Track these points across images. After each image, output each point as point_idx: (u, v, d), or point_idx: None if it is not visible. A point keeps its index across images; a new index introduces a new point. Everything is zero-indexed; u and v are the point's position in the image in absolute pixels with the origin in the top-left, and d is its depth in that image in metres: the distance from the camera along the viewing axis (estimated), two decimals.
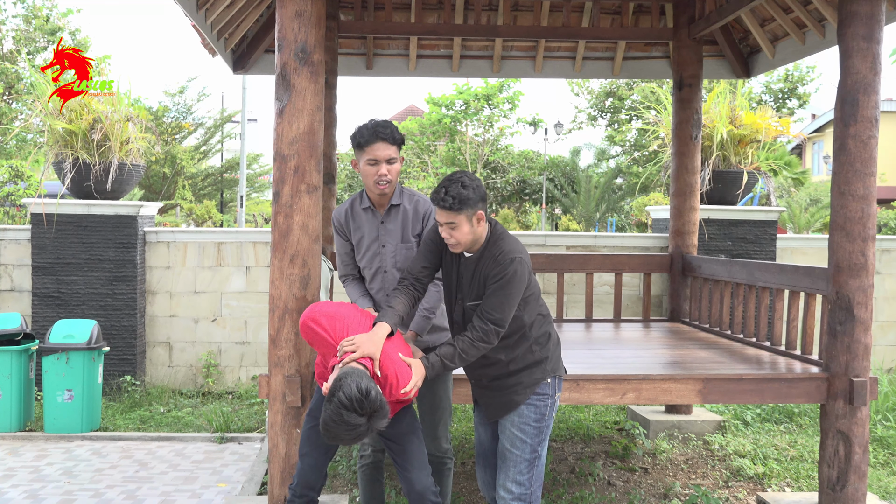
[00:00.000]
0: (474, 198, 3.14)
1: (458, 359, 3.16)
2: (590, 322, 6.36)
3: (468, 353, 3.15)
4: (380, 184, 3.48)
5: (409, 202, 3.61)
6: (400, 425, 3.29)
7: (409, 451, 3.29)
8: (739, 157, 7.59)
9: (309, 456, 3.32)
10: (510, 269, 3.13)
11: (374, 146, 3.46)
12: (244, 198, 19.72)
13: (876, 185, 4.11)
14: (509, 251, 3.18)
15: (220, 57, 6.38)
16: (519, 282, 3.15)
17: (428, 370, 3.13)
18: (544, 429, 3.29)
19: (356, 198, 3.70)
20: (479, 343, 3.14)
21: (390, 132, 3.49)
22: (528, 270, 3.21)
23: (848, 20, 4.08)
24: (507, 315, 3.15)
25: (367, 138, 3.46)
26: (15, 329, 6.15)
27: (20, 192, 9.77)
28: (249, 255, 7.42)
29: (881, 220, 17.48)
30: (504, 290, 3.13)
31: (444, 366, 3.16)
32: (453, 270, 3.33)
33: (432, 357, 3.16)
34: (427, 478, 3.29)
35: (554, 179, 24.84)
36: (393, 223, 3.61)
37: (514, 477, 3.27)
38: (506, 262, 3.15)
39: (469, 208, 3.14)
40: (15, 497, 4.69)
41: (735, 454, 5.59)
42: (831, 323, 4.18)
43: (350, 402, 2.81)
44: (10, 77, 15.69)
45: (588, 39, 6.77)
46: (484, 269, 3.19)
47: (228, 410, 6.58)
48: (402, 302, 3.31)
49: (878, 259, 7.77)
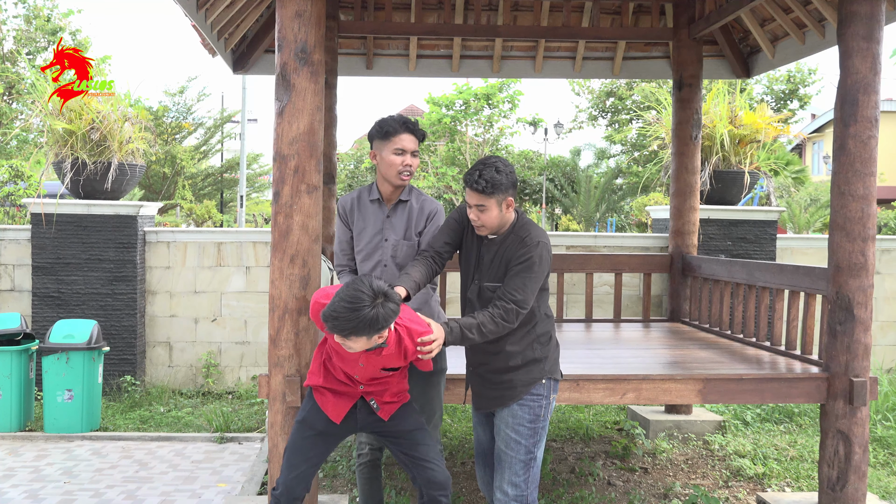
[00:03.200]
0: (506, 183, 3.18)
1: (476, 330, 3.13)
2: (590, 322, 6.36)
3: (486, 326, 3.13)
4: (403, 174, 3.57)
5: (417, 201, 3.68)
6: (402, 423, 3.28)
7: (423, 444, 3.27)
8: (739, 157, 7.59)
9: (297, 468, 3.23)
10: (536, 251, 3.16)
11: (401, 136, 3.56)
12: (244, 198, 19.72)
13: (876, 185, 4.11)
14: (536, 235, 3.22)
15: (220, 57, 6.38)
16: (543, 266, 3.18)
17: (447, 334, 3.09)
18: (539, 430, 3.28)
19: (364, 189, 3.76)
20: (500, 320, 3.13)
21: (417, 126, 3.61)
22: (550, 261, 3.24)
23: (848, 20, 4.08)
24: (528, 297, 3.15)
25: (395, 128, 3.57)
26: (15, 329, 6.15)
27: (20, 192, 9.76)
28: (249, 255, 7.42)
29: (881, 220, 17.47)
30: (529, 272, 3.15)
31: (463, 334, 3.12)
32: (473, 251, 3.35)
33: (452, 322, 3.14)
34: (443, 468, 3.27)
35: (554, 179, 24.83)
36: (398, 218, 3.65)
37: (510, 478, 3.26)
38: (532, 244, 3.17)
39: (500, 193, 3.18)
40: (15, 497, 4.69)
41: (735, 454, 5.59)
42: (831, 323, 4.18)
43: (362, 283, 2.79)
44: (11, 77, 15.69)
45: (588, 39, 6.77)
46: (508, 251, 3.21)
47: (228, 410, 6.58)
48: (420, 270, 3.33)
49: (878, 259, 7.77)
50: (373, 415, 3.27)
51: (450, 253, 3.45)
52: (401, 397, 3.30)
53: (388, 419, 3.27)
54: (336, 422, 3.25)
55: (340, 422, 3.25)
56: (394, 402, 3.28)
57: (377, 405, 3.25)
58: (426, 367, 3.22)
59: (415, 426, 3.29)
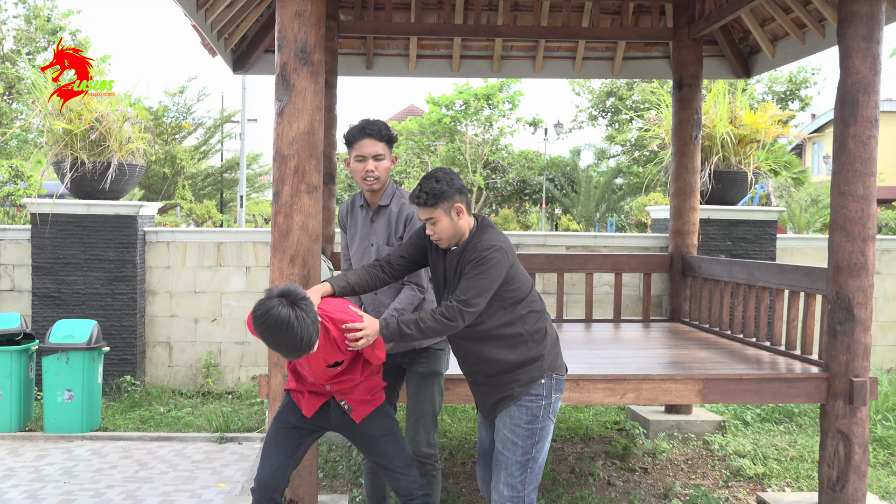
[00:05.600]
0: (449, 191, 3.17)
1: (413, 326, 3.12)
2: (590, 322, 6.36)
3: (425, 322, 3.11)
4: (367, 180, 3.57)
5: (396, 205, 3.66)
6: (372, 427, 3.31)
7: (387, 451, 3.31)
8: (739, 157, 7.59)
9: (270, 459, 3.28)
10: (486, 254, 3.13)
11: (361, 143, 3.55)
12: (244, 198, 19.71)
13: (876, 185, 4.11)
14: (490, 239, 3.19)
15: (220, 57, 6.38)
16: (495, 269, 3.14)
17: (382, 328, 3.10)
18: (537, 431, 3.24)
19: (357, 195, 3.79)
20: (441, 318, 3.11)
21: (377, 129, 3.57)
22: (511, 263, 3.20)
23: (848, 20, 4.08)
24: (474, 297, 3.11)
25: (354, 135, 3.57)
26: (15, 329, 6.15)
27: (20, 192, 9.76)
28: (249, 255, 7.42)
29: (881, 220, 17.48)
30: (478, 273, 3.12)
31: (400, 329, 3.11)
32: (440, 266, 3.35)
33: (389, 318, 3.16)
34: (411, 475, 3.31)
35: (554, 179, 24.83)
36: (380, 224, 3.67)
37: (506, 480, 3.24)
38: (483, 248, 3.15)
39: (445, 201, 3.16)
40: (15, 497, 4.69)
41: (735, 454, 5.59)
42: (831, 323, 4.18)
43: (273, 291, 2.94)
44: (11, 77, 15.69)
45: (588, 39, 6.77)
46: (465, 257, 3.20)
47: (228, 410, 6.58)
48: (358, 275, 3.36)
49: (878, 259, 7.77)
50: (345, 416, 3.30)
51: (403, 268, 3.42)
52: (375, 396, 3.32)
53: (359, 421, 3.30)
54: (307, 416, 3.30)
55: (311, 416, 3.31)
56: (367, 402, 3.30)
57: (349, 406, 3.27)
58: (376, 359, 3.21)
59: (382, 432, 3.31)
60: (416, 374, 3.61)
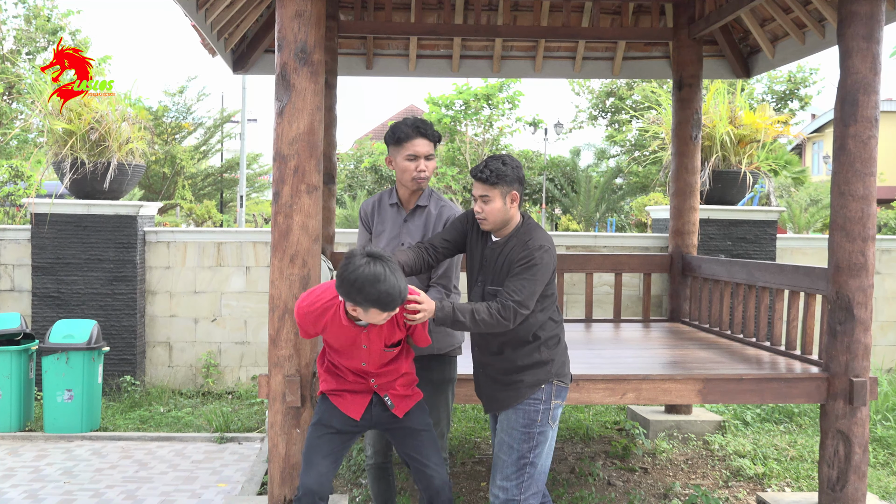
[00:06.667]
0: (511, 176, 3.20)
1: (468, 315, 3.10)
2: (590, 322, 6.36)
3: (480, 314, 3.10)
4: (418, 179, 3.55)
5: (435, 207, 3.66)
6: (413, 422, 3.30)
7: (426, 447, 3.29)
8: (739, 157, 7.59)
9: (316, 466, 3.24)
10: (538, 254, 3.15)
11: (414, 142, 3.53)
12: (244, 198, 19.71)
13: (876, 185, 4.11)
14: (540, 239, 3.21)
15: (220, 57, 6.38)
16: (544, 270, 3.16)
17: (438, 310, 3.09)
18: (535, 435, 3.22)
19: (385, 193, 3.76)
20: (496, 314, 3.10)
21: (430, 129, 3.57)
22: (554, 267, 3.23)
23: (848, 20, 4.08)
24: (528, 299, 3.12)
25: (407, 134, 3.53)
26: (15, 329, 6.15)
27: (20, 192, 9.75)
28: (249, 255, 7.42)
29: (881, 220, 17.47)
30: (529, 273, 3.13)
31: (454, 315, 3.10)
32: (477, 253, 3.35)
33: (446, 302, 3.14)
34: (443, 473, 3.30)
35: (554, 179, 24.82)
36: (415, 224, 3.64)
37: (501, 482, 3.23)
38: (535, 247, 3.17)
39: (505, 185, 3.18)
40: (15, 497, 4.69)
41: (735, 454, 5.59)
42: (831, 323, 4.17)
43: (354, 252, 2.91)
44: (11, 77, 15.68)
45: (588, 39, 6.77)
46: (511, 253, 3.21)
47: (228, 410, 6.58)
48: (407, 255, 3.33)
49: (878, 259, 7.77)
50: (387, 411, 3.28)
51: (447, 250, 3.43)
52: (414, 392, 3.32)
53: (402, 416, 3.29)
54: (357, 419, 3.27)
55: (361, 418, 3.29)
56: (408, 397, 3.29)
57: (391, 402, 3.26)
58: (425, 341, 3.20)
59: (423, 426, 3.31)
60: (429, 381, 3.57)
